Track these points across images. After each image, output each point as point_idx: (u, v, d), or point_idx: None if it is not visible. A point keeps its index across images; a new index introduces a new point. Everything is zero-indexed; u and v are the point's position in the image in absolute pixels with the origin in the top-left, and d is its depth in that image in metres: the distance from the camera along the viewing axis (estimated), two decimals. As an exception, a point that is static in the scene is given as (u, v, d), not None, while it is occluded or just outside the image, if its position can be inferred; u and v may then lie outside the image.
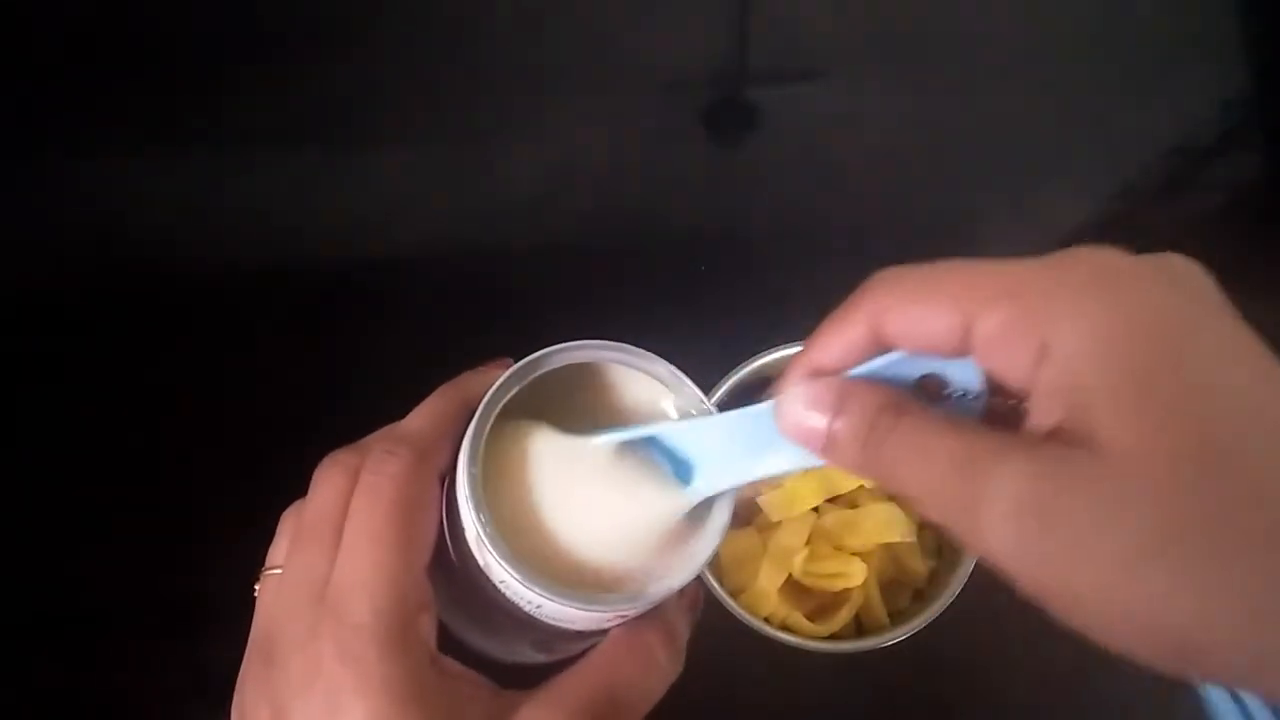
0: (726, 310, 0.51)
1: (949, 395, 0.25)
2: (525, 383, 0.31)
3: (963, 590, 0.42)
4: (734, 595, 0.42)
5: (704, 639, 0.45)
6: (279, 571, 0.29)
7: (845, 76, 0.56)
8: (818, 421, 0.25)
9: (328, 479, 0.29)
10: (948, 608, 0.41)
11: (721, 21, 0.57)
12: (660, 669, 0.30)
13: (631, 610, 0.29)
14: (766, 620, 0.42)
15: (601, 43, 0.56)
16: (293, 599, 0.28)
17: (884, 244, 0.54)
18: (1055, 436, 0.21)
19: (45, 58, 0.53)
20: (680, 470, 0.30)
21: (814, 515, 0.43)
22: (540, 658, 0.30)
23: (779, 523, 0.43)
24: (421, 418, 0.31)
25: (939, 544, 0.45)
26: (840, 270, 0.54)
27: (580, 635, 0.31)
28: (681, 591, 0.32)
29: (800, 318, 0.46)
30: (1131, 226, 0.56)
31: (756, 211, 0.54)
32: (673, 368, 0.32)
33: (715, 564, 0.43)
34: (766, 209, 0.54)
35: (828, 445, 0.25)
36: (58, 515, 0.47)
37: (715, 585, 0.41)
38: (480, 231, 0.53)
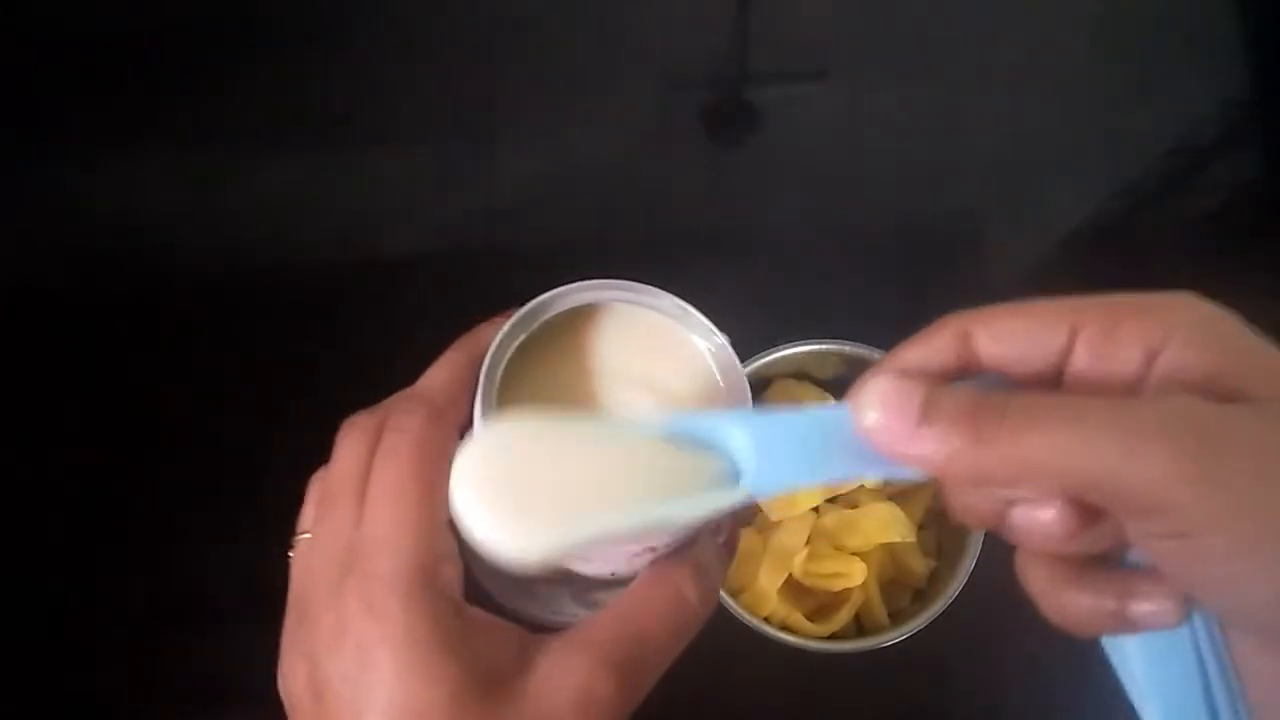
0: (727, 310, 0.51)
1: None
2: (532, 329, 0.31)
3: (962, 590, 0.42)
4: (734, 595, 0.42)
5: (704, 639, 0.45)
6: (309, 536, 0.30)
7: (845, 76, 0.56)
8: (903, 422, 0.23)
9: (348, 442, 0.30)
10: (948, 608, 0.41)
11: (721, 21, 0.57)
12: (690, 607, 0.30)
13: (659, 541, 0.29)
14: (766, 620, 0.42)
15: (601, 43, 0.56)
16: (321, 560, 0.28)
17: (884, 244, 0.54)
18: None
19: (45, 58, 0.53)
20: (727, 459, 0.26)
21: (814, 515, 0.43)
22: (584, 613, 0.30)
23: (779, 523, 0.43)
24: (437, 374, 0.31)
25: (939, 544, 0.45)
26: (840, 271, 0.54)
27: (616, 581, 0.31)
28: (717, 529, 0.32)
29: (800, 318, 0.46)
30: (1131, 226, 0.56)
31: (757, 212, 0.54)
32: (679, 300, 0.32)
33: (715, 564, 0.43)
34: (766, 209, 0.54)
35: (916, 445, 0.22)
36: (55, 514, 0.47)
37: (715, 585, 0.41)
38: (480, 231, 0.53)
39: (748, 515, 0.45)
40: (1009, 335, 0.24)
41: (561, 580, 0.30)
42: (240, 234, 0.52)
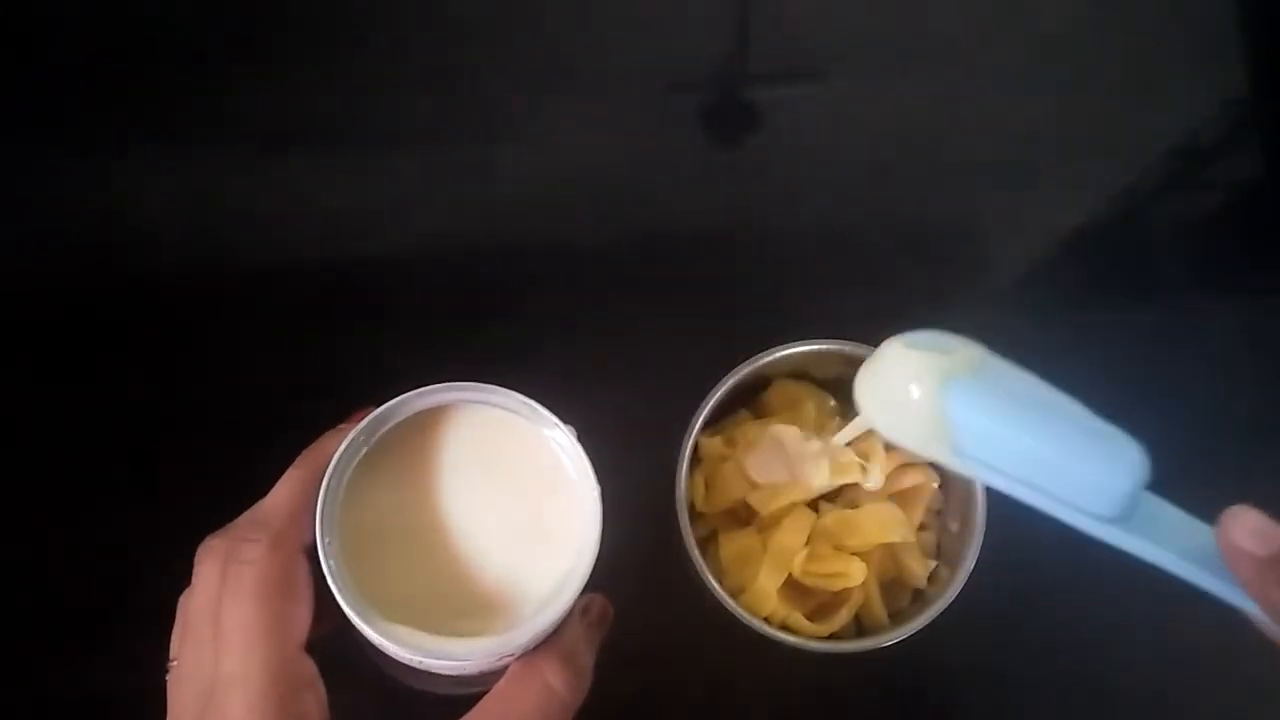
0: (726, 310, 0.51)
1: None
2: (375, 440, 0.31)
3: (963, 590, 0.42)
4: (734, 595, 0.42)
5: (704, 639, 0.45)
6: (177, 664, 0.30)
7: (845, 76, 0.56)
8: (1257, 552, 0.26)
9: (203, 570, 0.30)
10: (948, 608, 0.41)
11: (721, 21, 0.57)
12: (558, 699, 0.30)
13: (514, 650, 0.30)
14: (766, 620, 0.42)
15: (601, 43, 0.56)
16: (186, 692, 0.29)
17: (884, 244, 0.54)
18: None
19: (44, 57, 0.53)
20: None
21: (814, 515, 0.43)
22: (475, 689, 0.31)
23: (779, 523, 0.43)
24: (279, 494, 0.31)
25: (939, 544, 0.45)
26: (840, 270, 0.54)
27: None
28: (586, 607, 0.32)
29: (800, 318, 0.46)
30: (1131, 226, 0.56)
31: (756, 212, 0.54)
32: (523, 398, 0.32)
33: (715, 564, 0.43)
34: (766, 209, 0.54)
35: (1256, 582, 0.27)
36: (55, 514, 0.47)
37: (715, 585, 0.41)
38: (480, 231, 0.53)
39: (746, 516, 0.45)
40: None
41: (430, 672, 0.31)
42: (240, 234, 0.52)
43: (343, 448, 0.30)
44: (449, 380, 0.32)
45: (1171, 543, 0.27)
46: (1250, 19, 0.57)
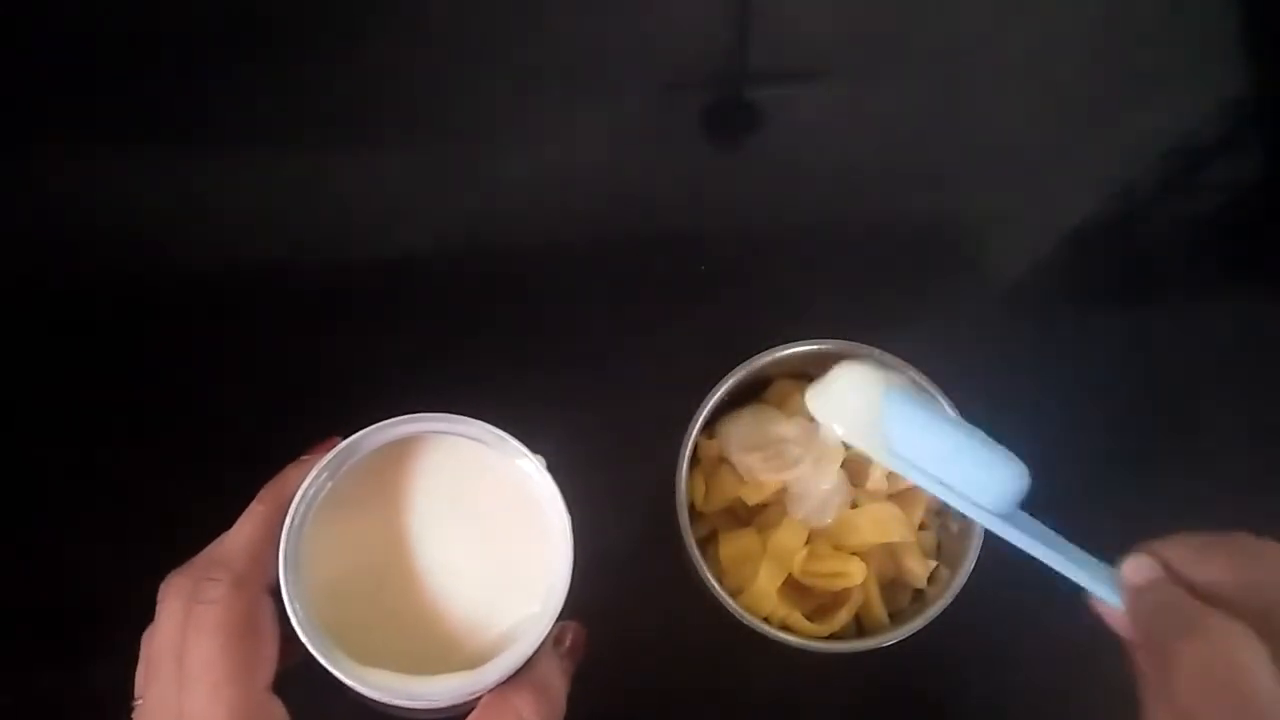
0: (726, 310, 0.51)
1: None
2: (340, 473, 0.30)
3: (963, 590, 0.42)
4: (734, 595, 0.42)
5: (704, 639, 0.45)
6: (141, 703, 0.30)
7: (845, 76, 0.56)
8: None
9: (165, 608, 0.30)
10: (948, 608, 0.41)
11: (721, 21, 0.57)
12: None
13: (485, 687, 0.29)
14: (766, 620, 0.42)
15: (601, 43, 0.56)
16: None
17: (884, 244, 0.54)
18: None
19: (44, 56, 0.53)
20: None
21: (813, 515, 0.43)
22: (448, 716, 0.31)
23: (779, 523, 0.43)
24: (242, 531, 0.31)
25: (939, 544, 0.45)
26: (840, 270, 0.54)
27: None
28: (560, 635, 0.32)
29: (800, 318, 0.46)
30: (1131, 226, 0.56)
31: (756, 211, 0.54)
32: (488, 426, 0.31)
33: (715, 564, 0.43)
34: (766, 209, 0.54)
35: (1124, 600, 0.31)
36: (56, 513, 0.47)
37: (715, 585, 0.41)
38: (480, 231, 0.53)
39: (746, 516, 0.45)
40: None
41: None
42: (240, 234, 0.52)
43: (306, 483, 0.29)
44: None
45: (1043, 540, 0.32)
46: (1250, 19, 0.57)
